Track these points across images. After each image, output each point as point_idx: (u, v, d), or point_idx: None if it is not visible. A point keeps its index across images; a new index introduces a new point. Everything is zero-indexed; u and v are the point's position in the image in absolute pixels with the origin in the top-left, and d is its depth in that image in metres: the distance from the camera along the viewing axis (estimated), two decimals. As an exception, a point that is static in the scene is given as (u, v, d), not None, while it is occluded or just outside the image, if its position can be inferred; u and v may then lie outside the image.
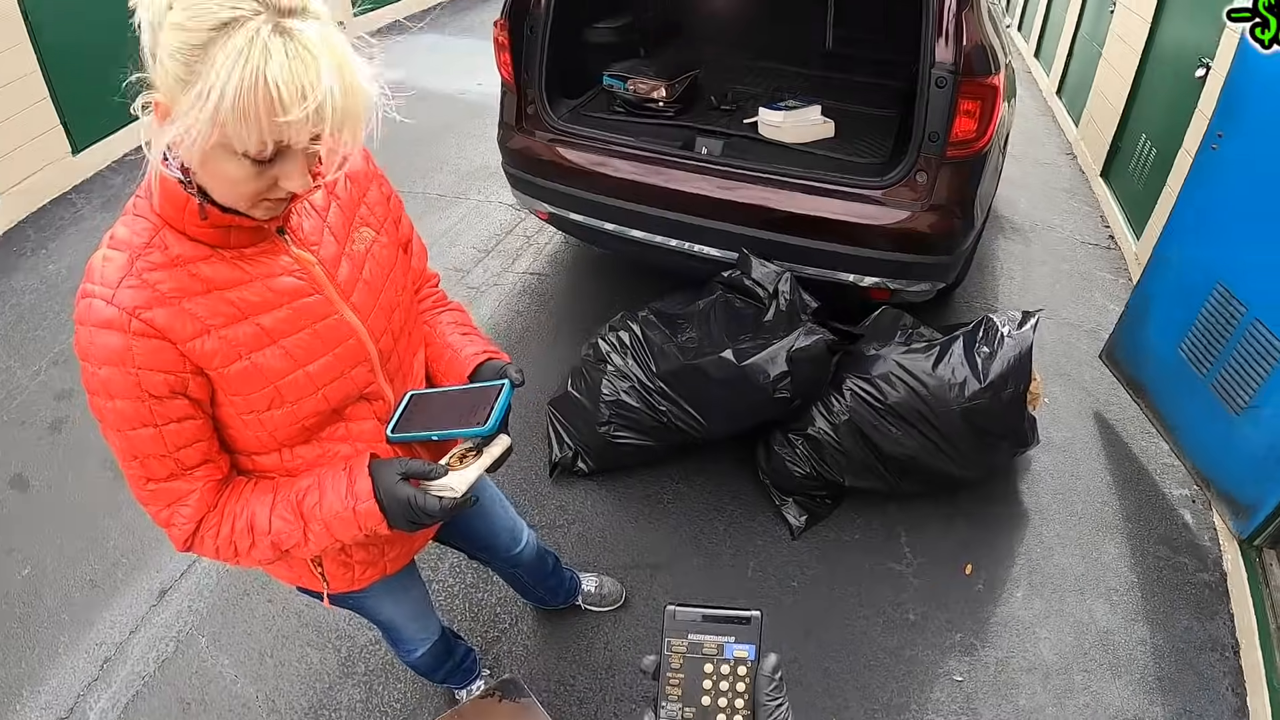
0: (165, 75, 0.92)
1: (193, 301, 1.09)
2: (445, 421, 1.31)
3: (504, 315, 4.08)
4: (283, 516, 1.23)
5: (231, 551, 1.25)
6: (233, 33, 0.88)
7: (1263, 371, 2.67)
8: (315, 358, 1.22)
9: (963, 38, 2.86)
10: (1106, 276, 4.77)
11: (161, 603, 2.69)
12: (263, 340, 1.16)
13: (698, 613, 0.71)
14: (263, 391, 1.18)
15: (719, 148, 3.45)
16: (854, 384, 2.85)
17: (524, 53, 3.54)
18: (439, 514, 1.20)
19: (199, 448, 1.18)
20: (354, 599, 1.66)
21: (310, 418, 1.26)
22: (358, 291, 1.27)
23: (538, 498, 3.07)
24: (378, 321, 1.31)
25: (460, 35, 8.94)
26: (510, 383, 1.32)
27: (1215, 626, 2.72)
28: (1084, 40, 7.14)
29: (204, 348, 1.10)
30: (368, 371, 1.31)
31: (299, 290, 1.19)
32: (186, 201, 1.05)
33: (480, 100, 6.86)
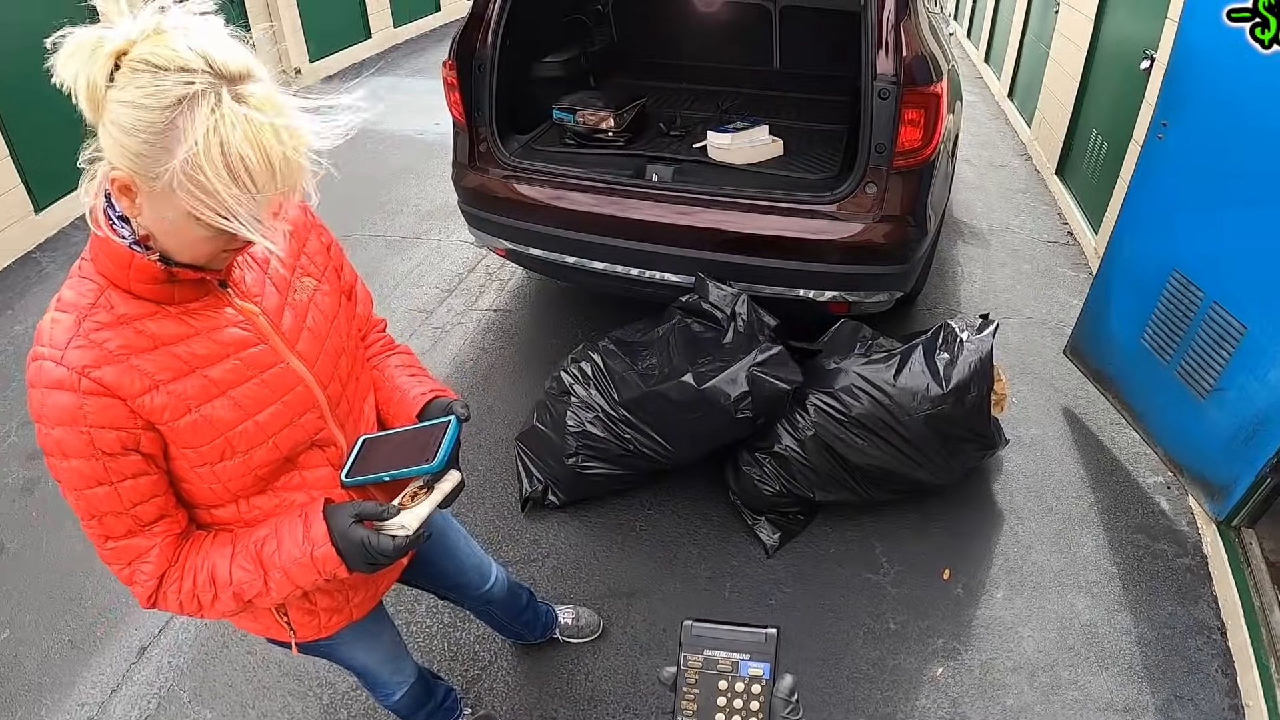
0: (123, 152, 0.94)
1: (140, 358, 1.10)
2: (396, 462, 1.31)
3: (469, 353, 4.06)
4: (243, 566, 1.23)
5: (195, 605, 1.24)
6: (194, 107, 0.91)
7: (1225, 354, 2.70)
8: (264, 407, 1.23)
9: (903, 48, 2.90)
10: (1067, 273, 4.81)
11: (141, 660, 2.65)
12: (211, 392, 1.16)
13: (714, 628, 0.72)
14: (214, 443, 1.18)
15: (669, 174, 3.47)
16: (817, 399, 2.85)
17: (473, 91, 3.56)
18: (393, 553, 1.21)
19: (155, 503, 1.19)
20: (324, 646, 1.65)
21: (263, 467, 1.26)
22: (303, 339, 1.28)
23: (510, 533, 3.04)
24: (324, 368, 1.32)
25: (416, 76, 8.99)
26: (456, 418, 1.33)
27: (1199, 610, 2.73)
28: (1031, 41, 7.26)
29: (153, 403, 1.11)
30: (317, 418, 1.31)
31: (244, 341, 1.20)
32: (131, 261, 1.06)
33: (438, 140, 6.88)
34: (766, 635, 0.71)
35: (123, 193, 1.00)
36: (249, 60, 0.97)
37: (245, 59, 0.96)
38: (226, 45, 0.95)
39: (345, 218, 5.52)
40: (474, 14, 3.53)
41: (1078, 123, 5.67)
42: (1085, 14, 5.46)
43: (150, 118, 0.92)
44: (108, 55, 0.92)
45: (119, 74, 0.93)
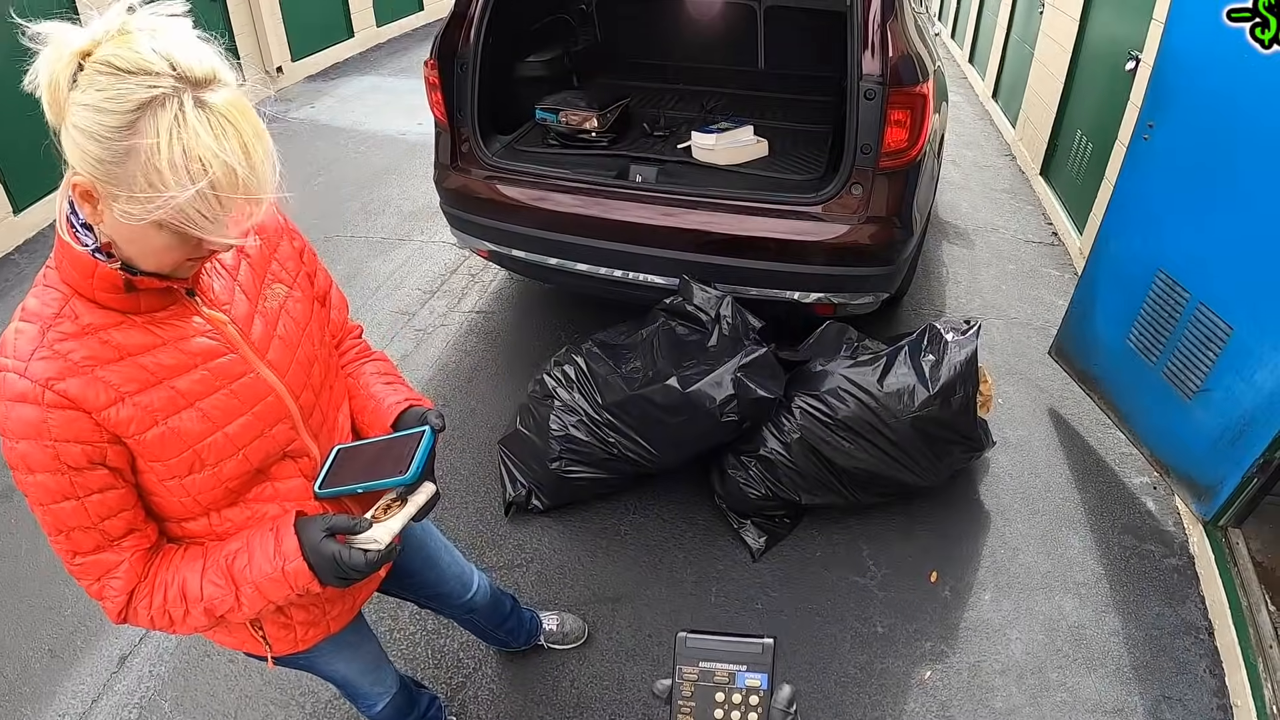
0: (84, 157, 0.92)
1: (106, 369, 1.07)
2: (369, 474, 1.28)
3: (452, 356, 4.03)
4: (214, 582, 1.19)
5: (166, 620, 1.21)
6: (156, 112, 0.89)
7: (1211, 354, 2.70)
8: (233, 418, 1.19)
9: (889, 49, 2.88)
10: (1052, 273, 4.81)
11: (122, 669, 2.61)
12: (178, 404, 1.13)
13: (709, 640, 0.71)
14: (182, 456, 1.15)
15: (653, 174, 3.44)
16: (803, 401, 2.83)
17: (455, 91, 3.52)
18: (365, 568, 1.17)
19: (123, 517, 1.15)
20: (302, 659, 1.61)
21: (233, 479, 1.22)
22: (273, 348, 1.25)
23: (494, 539, 3.01)
24: (296, 377, 1.28)
25: (398, 76, 8.94)
26: (430, 429, 1.30)
27: (1187, 610, 2.74)
28: (1016, 42, 7.28)
29: (119, 415, 1.08)
30: (289, 429, 1.28)
31: (212, 351, 1.17)
32: (94, 269, 1.03)
33: (421, 140, 6.85)
34: (764, 646, 0.70)
35: (84, 199, 0.97)
36: (215, 64, 0.94)
37: (211, 63, 0.94)
38: (193, 48, 0.93)
39: (326, 219, 5.48)
40: (456, 12, 3.49)
41: (1062, 123, 5.68)
42: (1070, 15, 5.47)
43: (111, 122, 0.89)
44: (71, 55, 0.90)
45: (81, 75, 0.90)
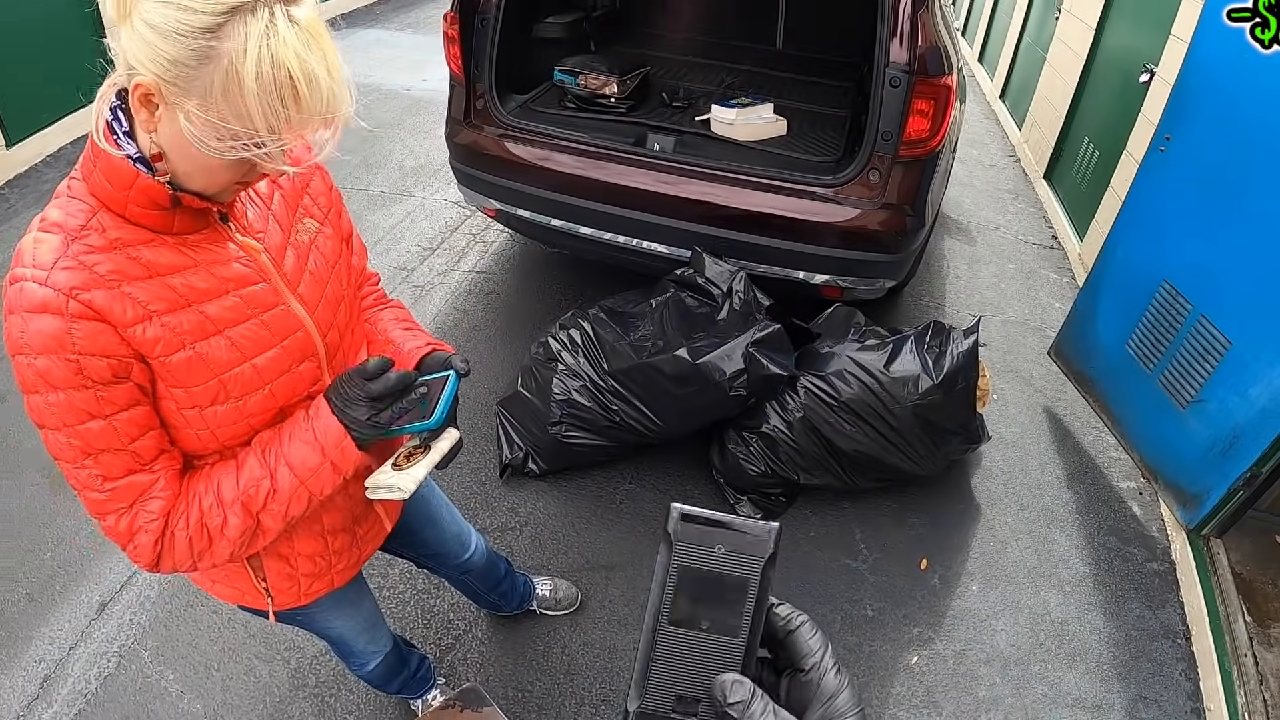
0: (156, 56, 0.88)
1: (133, 285, 1.02)
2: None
3: (450, 314, 4.00)
4: (248, 468, 1.16)
5: (205, 539, 1.15)
6: (246, 18, 0.87)
7: (1209, 366, 2.73)
8: (263, 350, 1.16)
9: (918, 38, 2.87)
10: (1050, 275, 4.84)
11: (102, 616, 2.56)
12: (207, 329, 1.09)
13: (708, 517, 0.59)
14: (207, 384, 1.11)
15: (671, 144, 3.42)
16: (808, 381, 2.83)
17: (473, 46, 3.47)
18: (370, 371, 1.15)
19: (153, 437, 1.10)
20: (301, 615, 1.58)
21: (255, 415, 1.18)
22: (304, 282, 1.22)
23: (488, 500, 3.00)
24: (324, 314, 1.25)
25: (405, 30, 8.82)
26: (455, 373, 1.28)
27: (1166, 614, 2.78)
28: (1028, 45, 7.28)
29: (145, 334, 1.03)
30: (315, 367, 1.25)
31: (245, 278, 1.13)
32: (134, 180, 0.98)
33: (425, 96, 6.78)
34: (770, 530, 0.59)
35: (143, 102, 0.93)
36: None
37: None
38: None
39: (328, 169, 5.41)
40: None
41: (1070, 129, 5.69)
42: (1086, 22, 5.48)
43: (196, 21, 0.86)
44: None
45: None
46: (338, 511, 1.43)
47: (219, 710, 2.34)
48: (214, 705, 2.35)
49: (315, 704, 2.37)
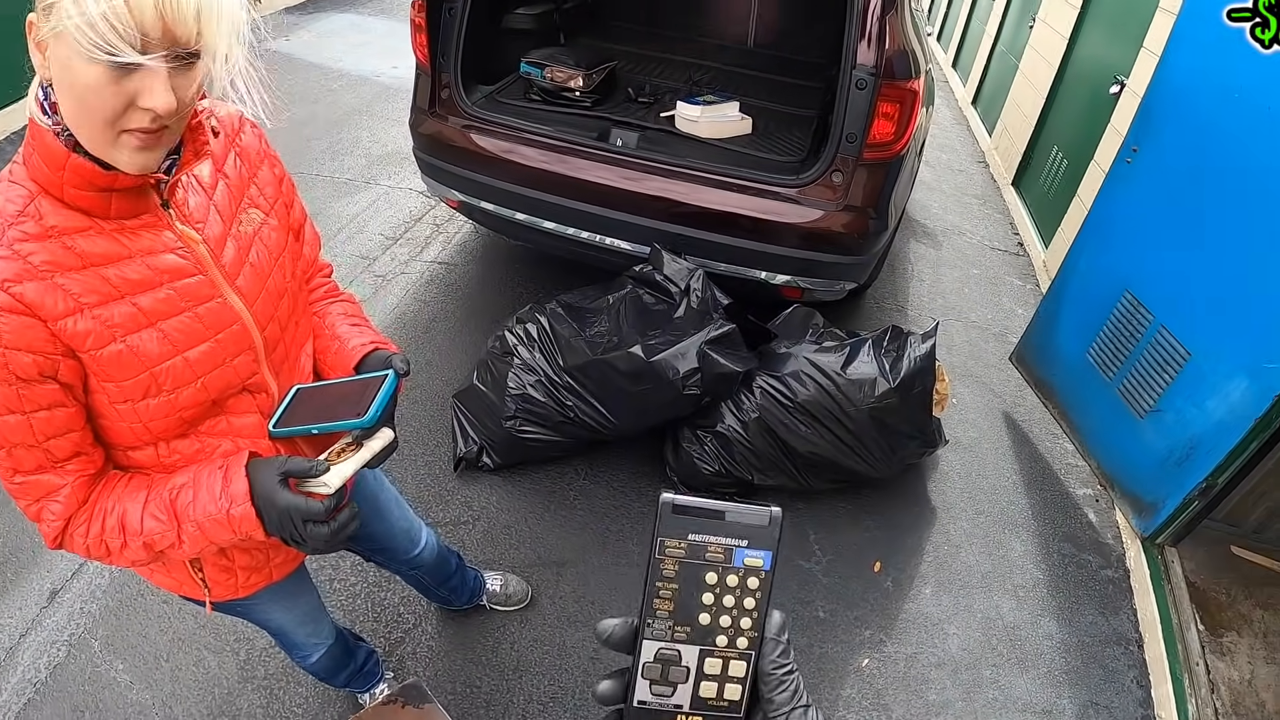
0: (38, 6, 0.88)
1: (66, 276, 1.00)
2: (326, 415, 1.24)
3: (410, 305, 3.95)
4: (155, 516, 1.13)
5: (102, 550, 1.15)
6: None
7: (1167, 377, 2.75)
8: (195, 343, 1.14)
9: (885, 41, 2.86)
10: (1015, 282, 4.86)
11: (52, 604, 2.51)
12: (139, 322, 1.07)
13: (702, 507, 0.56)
14: (138, 378, 1.09)
15: (634, 140, 3.39)
16: (764, 381, 2.81)
17: (441, 35, 3.43)
18: (319, 514, 1.11)
19: (70, 438, 1.09)
20: (239, 606, 1.56)
21: (188, 409, 1.17)
22: (244, 275, 1.20)
23: (441, 493, 2.96)
24: (264, 308, 1.23)
25: (378, 16, 8.71)
26: (394, 373, 1.26)
27: (1119, 621, 2.80)
28: (1002, 53, 7.33)
29: (76, 327, 1.02)
30: (251, 361, 1.23)
31: (181, 270, 1.11)
32: (65, 160, 0.97)
33: (395, 84, 6.71)
34: (771, 516, 0.56)
35: (37, 48, 0.92)
36: None
37: None
38: None
39: (292, 155, 5.33)
40: None
41: (1039, 137, 5.74)
42: (1060, 32, 5.51)
43: None
44: None
45: None
46: None
47: (168, 701, 2.31)
48: (163, 696, 2.32)
49: (263, 696, 2.34)
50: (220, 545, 1.18)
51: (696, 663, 0.57)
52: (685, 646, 0.57)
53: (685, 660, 0.57)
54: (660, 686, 0.57)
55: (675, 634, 0.57)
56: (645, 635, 0.57)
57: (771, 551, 0.57)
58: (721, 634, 0.57)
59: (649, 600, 0.57)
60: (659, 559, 0.57)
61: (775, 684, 0.56)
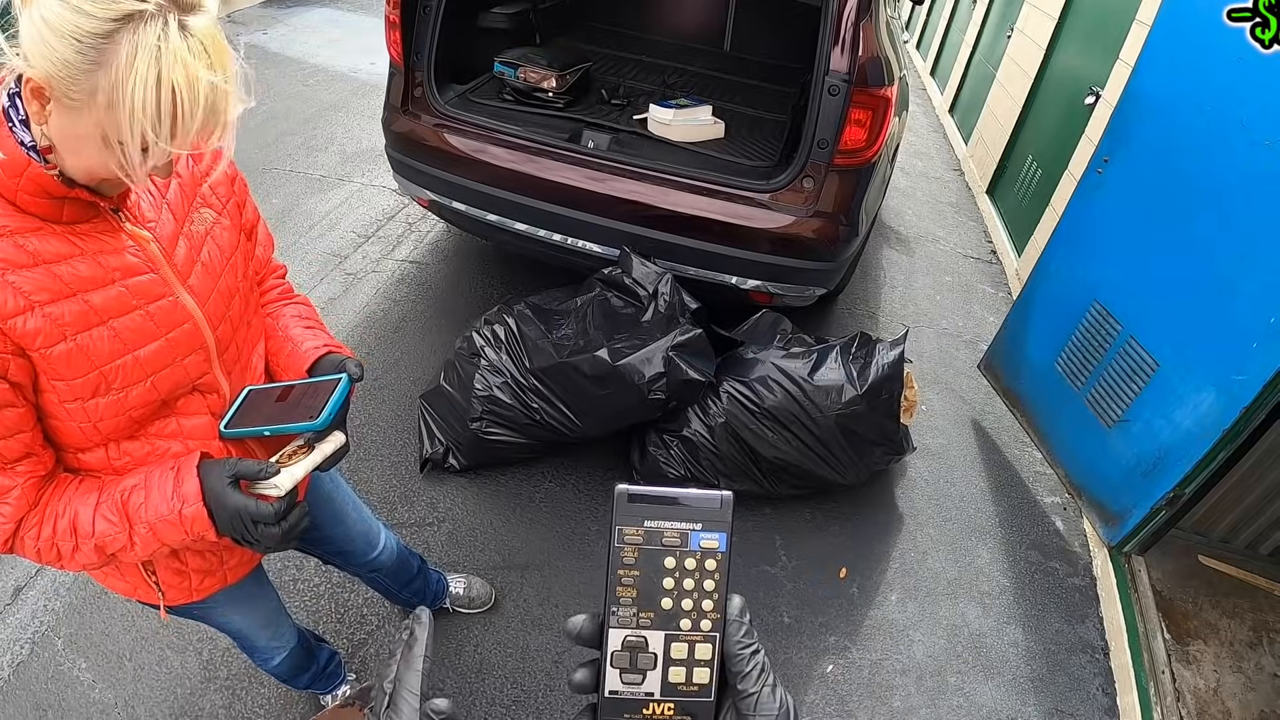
0: (49, 55, 0.87)
1: (17, 274, 0.99)
2: (278, 417, 1.23)
3: (380, 304, 3.92)
4: (106, 517, 1.12)
5: (54, 555, 1.14)
6: (138, 28, 0.86)
7: (1135, 387, 2.77)
8: (146, 341, 1.13)
9: (859, 48, 2.86)
10: (987, 290, 4.88)
11: (16, 602, 2.48)
12: (90, 319, 1.06)
13: (657, 494, 0.58)
14: (88, 377, 1.08)
15: (606, 142, 3.38)
16: (731, 386, 2.81)
17: (415, 33, 3.41)
18: (270, 518, 1.11)
19: (20, 439, 1.08)
20: (196, 609, 1.55)
21: (138, 408, 1.16)
22: (195, 274, 1.19)
23: (407, 494, 2.94)
24: (216, 307, 1.23)
25: (356, 11, 8.66)
26: (347, 377, 1.26)
27: (1085, 629, 2.81)
28: (979, 62, 7.38)
29: (26, 326, 1.00)
30: (203, 360, 1.22)
31: (133, 268, 1.11)
32: (24, 169, 0.97)
33: (372, 80, 6.67)
34: (722, 500, 0.59)
35: (35, 96, 0.92)
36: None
37: None
38: None
39: (265, 150, 5.29)
40: None
41: (1014, 146, 5.77)
42: (1037, 43, 5.55)
43: (89, 26, 0.85)
44: None
45: None
46: None
47: (130, 700, 2.28)
48: (125, 695, 2.30)
49: (226, 696, 2.32)
50: (172, 546, 1.17)
51: (663, 648, 0.57)
52: (651, 632, 0.57)
53: (652, 646, 0.57)
54: (630, 674, 0.57)
55: (640, 620, 0.57)
56: (611, 624, 0.57)
57: (726, 533, 0.58)
58: (685, 617, 0.57)
59: (612, 588, 0.57)
60: (619, 547, 0.58)
61: (742, 663, 0.57)
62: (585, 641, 0.59)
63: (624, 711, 0.57)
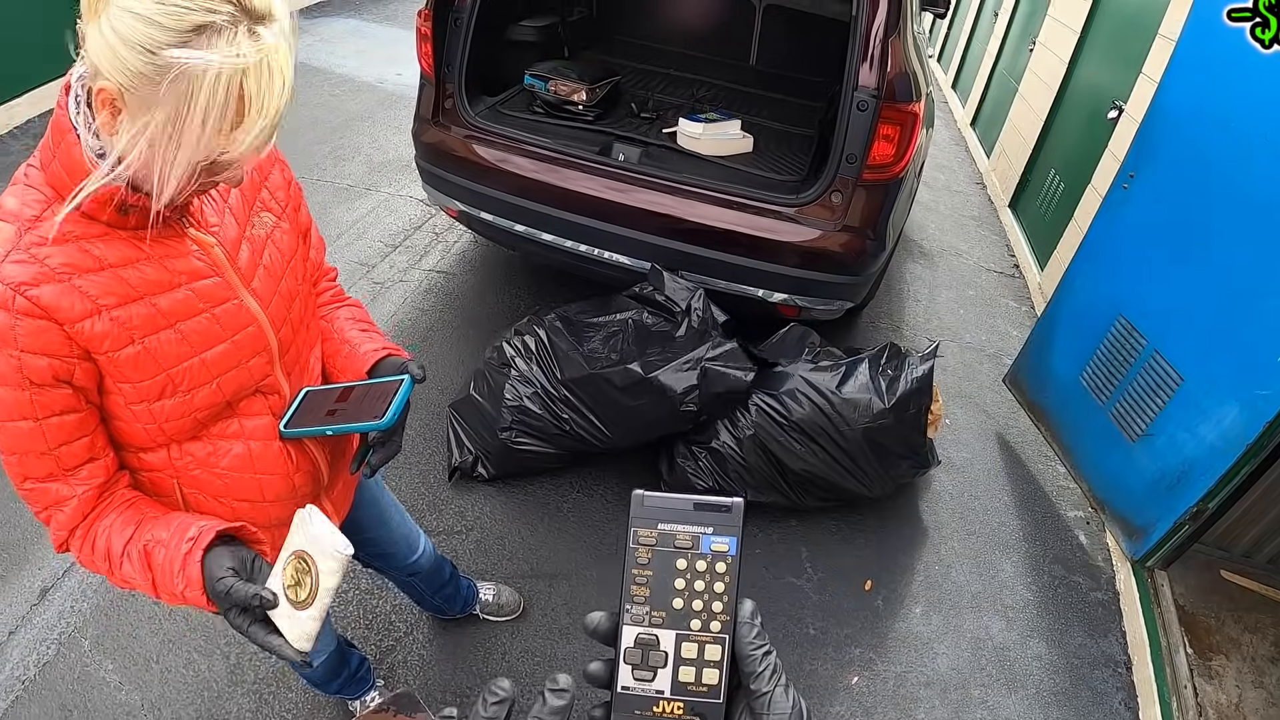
0: (120, 66, 0.87)
1: (84, 278, 1.01)
2: (341, 416, 1.25)
3: (408, 313, 3.96)
4: (131, 560, 1.12)
5: (96, 570, 1.16)
6: (211, 39, 0.86)
7: (1160, 401, 2.77)
8: (212, 344, 1.15)
9: (887, 63, 2.88)
10: (1010, 303, 4.88)
11: (43, 602, 2.51)
12: (158, 323, 1.08)
13: (670, 498, 0.61)
14: (155, 379, 1.10)
15: (636, 155, 3.41)
16: (760, 399, 2.83)
17: (446, 45, 3.45)
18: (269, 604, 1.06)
19: (81, 444, 1.09)
20: None
21: (203, 409, 1.18)
22: (258, 277, 1.21)
23: (435, 503, 2.97)
24: (278, 310, 1.25)
25: (382, 22, 8.72)
26: (410, 378, 1.28)
27: (1108, 643, 2.81)
28: (1001, 75, 7.37)
29: (94, 329, 1.02)
30: (266, 362, 1.25)
31: (198, 272, 1.12)
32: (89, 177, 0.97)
33: (398, 90, 6.72)
34: (733, 505, 0.60)
35: (105, 105, 0.92)
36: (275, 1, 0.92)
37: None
38: None
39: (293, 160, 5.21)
40: None
41: (1037, 160, 5.76)
42: (1060, 56, 5.55)
43: (161, 38, 0.85)
44: None
45: None
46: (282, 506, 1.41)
47: (157, 703, 2.30)
48: (152, 697, 2.31)
49: (253, 700, 2.33)
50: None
51: (674, 647, 0.59)
52: (662, 631, 0.59)
53: (663, 645, 0.59)
54: (641, 671, 0.59)
55: (652, 619, 0.59)
56: (625, 621, 0.59)
57: (736, 538, 0.60)
58: (695, 618, 0.59)
59: (627, 587, 0.60)
60: (633, 547, 0.60)
61: (754, 663, 0.58)
62: (601, 637, 0.61)
63: (635, 708, 0.59)
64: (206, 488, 1.26)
